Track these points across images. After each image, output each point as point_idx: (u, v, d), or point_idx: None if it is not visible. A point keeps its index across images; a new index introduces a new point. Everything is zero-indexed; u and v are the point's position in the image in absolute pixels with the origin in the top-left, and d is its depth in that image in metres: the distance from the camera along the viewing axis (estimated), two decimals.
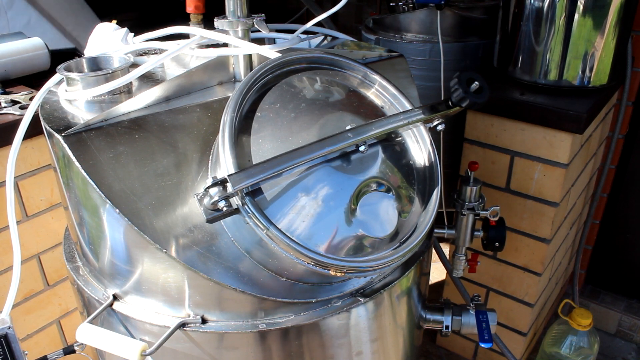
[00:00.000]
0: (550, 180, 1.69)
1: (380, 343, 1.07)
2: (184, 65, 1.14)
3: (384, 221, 0.91)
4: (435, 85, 2.13)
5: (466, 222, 1.37)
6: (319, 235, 0.85)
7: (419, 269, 1.10)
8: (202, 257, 0.86)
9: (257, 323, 0.92)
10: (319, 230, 0.85)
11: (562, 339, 1.99)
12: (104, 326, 0.99)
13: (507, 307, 2.00)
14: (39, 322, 1.64)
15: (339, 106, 0.95)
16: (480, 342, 1.23)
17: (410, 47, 2.18)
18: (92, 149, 0.85)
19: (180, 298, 0.91)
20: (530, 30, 1.63)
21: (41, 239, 1.57)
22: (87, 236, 0.98)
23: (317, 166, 0.86)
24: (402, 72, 1.22)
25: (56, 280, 1.65)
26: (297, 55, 0.95)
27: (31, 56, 1.66)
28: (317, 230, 0.84)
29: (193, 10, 1.18)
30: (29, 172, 1.48)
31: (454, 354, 2.26)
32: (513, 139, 1.71)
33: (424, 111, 0.93)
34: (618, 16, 1.56)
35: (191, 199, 0.88)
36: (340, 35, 1.35)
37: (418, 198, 0.96)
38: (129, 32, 1.18)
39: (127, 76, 0.98)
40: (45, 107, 0.98)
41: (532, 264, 1.86)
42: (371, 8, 3.52)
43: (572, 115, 1.56)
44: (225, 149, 0.81)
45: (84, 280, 1.04)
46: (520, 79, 1.71)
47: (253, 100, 0.91)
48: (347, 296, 0.96)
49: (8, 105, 1.44)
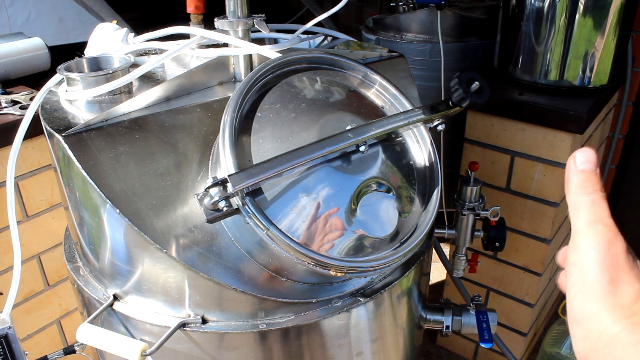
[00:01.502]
0: (550, 180, 1.69)
1: (381, 343, 1.07)
2: (184, 65, 1.14)
3: (384, 221, 0.91)
4: (436, 86, 2.13)
5: (466, 222, 1.37)
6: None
7: (419, 269, 1.10)
8: (202, 257, 0.86)
9: (258, 323, 0.92)
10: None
11: (562, 339, 1.99)
12: (104, 326, 0.99)
13: (507, 307, 2.00)
14: (39, 322, 1.65)
15: (339, 106, 0.95)
16: (481, 342, 1.23)
17: (411, 47, 2.18)
18: (93, 149, 0.85)
19: (180, 298, 0.91)
20: (530, 31, 1.63)
21: (41, 239, 1.57)
22: (88, 236, 0.98)
23: (317, 166, 0.86)
24: (403, 72, 1.22)
25: (56, 281, 1.65)
26: (297, 56, 0.95)
27: (31, 56, 1.66)
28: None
29: (193, 10, 1.18)
30: (29, 172, 1.48)
31: (454, 354, 2.26)
32: (513, 139, 1.71)
33: (424, 111, 0.93)
34: (618, 16, 1.56)
35: (191, 199, 0.88)
36: (340, 36, 1.35)
37: (418, 198, 0.96)
38: (129, 32, 1.18)
39: (127, 76, 0.98)
40: (45, 107, 0.98)
41: (532, 264, 1.86)
42: (371, 8, 3.52)
43: (573, 115, 1.57)
44: (225, 149, 0.81)
45: (84, 280, 1.04)
46: (520, 79, 1.71)
47: (253, 101, 0.91)
48: (348, 296, 0.96)
49: (8, 106, 1.44)
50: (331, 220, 0.86)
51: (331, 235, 0.85)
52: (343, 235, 0.86)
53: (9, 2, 2.56)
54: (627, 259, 0.46)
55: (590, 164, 0.51)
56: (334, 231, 0.86)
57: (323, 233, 0.85)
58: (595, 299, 0.45)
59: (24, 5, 2.61)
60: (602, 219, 0.48)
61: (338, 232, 0.86)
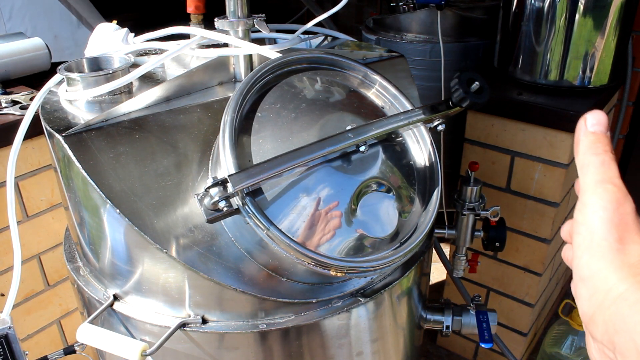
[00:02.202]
0: (550, 180, 1.69)
1: (381, 343, 1.07)
2: (184, 65, 1.14)
3: (385, 221, 0.91)
4: (436, 86, 2.13)
5: (466, 223, 1.37)
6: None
7: (420, 269, 1.10)
8: (202, 257, 0.86)
9: (258, 323, 0.92)
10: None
11: (562, 339, 1.99)
12: (105, 326, 0.99)
13: (507, 307, 2.00)
14: (39, 322, 1.65)
15: (339, 106, 0.95)
16: (481, 343, 1.23)
17: (411, 47, 2.18)
18: (93, 149, 0.85)
19: (180, 298, 0.91)
20: (530, 31, 1.63)
21: (42, 239, 1.57)
22: (88, 236, 0.98)
23: (317, 166, 0.86)
24: (403, 72, 1.22)
25: (57, 281, 1.65)
26: (297, 56, 0.95)
27: (31, 56, 1.66)
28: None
29: (193, 10, 1.18)
30: (29, 172, 1.48)
31: (455, 354, 2.26)
32: (513, 139, 1.71)
33: (425, 111, 0.93)
34: (618, 16, 1.56)
35: (191, 199, 0.88)
36: (340, 36, 1.35)
37: (418, 198, 0.96)
38: (129, 33, 1.18)
39: (127, 76, 0.98)
40: (45, 107, 0.98)
41: (532, 264, 1.86)
42: (371, 8, 3.52)
43: (573, 115, 1.57)
44: (225, 149, 0.81)
45: (84, 280, 1.04)
46: (520, 79, 1.71)
47: (253, 101, 0.91)
48: (348, 296, 0.96)
49: (8, 106, 1.44)
50: (331, 220, 0.86)
51: (331, 235, 0.85)
52: (343, 235, 0.86)
53: (7, 17, 2.61)
54: (636, 219, 0.45)
55: (601, 126, 0.49)
56: (334, 231, 0.86)
57: (323, 233, 0.85)
58: (602, 257, 0.44)
59: (21, 21, 2.68)
60: (611, 179, 0.47)
61: (338, 232, 0.86)
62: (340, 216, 0.86)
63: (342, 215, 0.86)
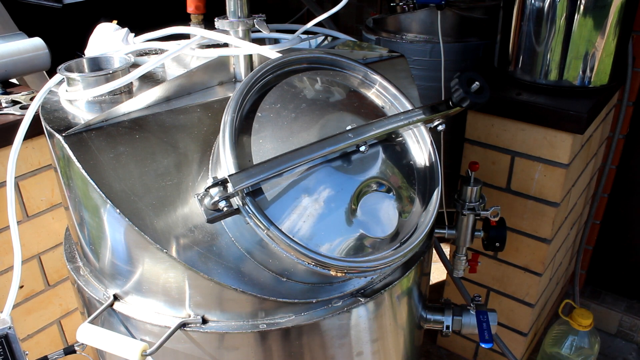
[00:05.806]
0: (550, 180, 1.69)
1: (381, 343, 1.07)
2: (184, 65, 1.14)
3: (385, 221, 0.91)
4: (436, 86, 2.13)
5: (467, 223, 1.37)
6: (320, 235, 0.85)
7: (420, 269, 1.10)
8: (202, 257, 0.86)
9: (258, 323, 0.92)
10: (319, 230, 0.85)
11: (562, 339, 1.99)
12: (105, 326, 0.99)
13: (507, 307, 2.00)
14: (39, 322, 1.64)
15: (339, 106, 0.95)
16: (481, 343, 1.23)
17: (411, 47, 2.18)
18: (93, 149, 0.85)
19: (180, 298, 0.91)
20: (530, 31, 1.63)
21: (42, 239, 1.57)
22: (88, 236, 0.98)
23: (317, 166, 0.86)
24: (403, 72, 1.22)
25: (57, 281, 1.65)
26: (297, 56, 0.95)
27: (31, 56, 1.65)
28: (318, 230, 0.84)
29: (194, 10, 1.18)
30: (29, 172, 1.48)
31: (455, 354, 2.26)
32: (513, 139, 1.71)
33: (425, 111, 0.93)
34: (618, 16, 1.56)
35: (192, 199, 0.88)
36: (340, 36, 1.35)
37: (418, 198, 0.96)
38: (129, 32, 1.18)
39: (127, 76, 0.98)
40: (45, 107, 0.98)
41: (532, 264, 1.86)
42: (372, 8, 3.52)
43: (573, 115, 1.56)
44: (225, 149, 0.81)
45: (84, 280, 1.04)
46: (520, 79, 1.71)
47: (254, 101, 0.91)
48: (348, 296, 0.96)
49: (9, 106, 1.44)
50: (331, 220, 0.86)
51: (331, 235, 0.85)
52: (343, 235, 0.86)
53: None
54: None
55: None
56: (334, 231, 0.86)
57: (323, 233, 0.85)
58: None
59: None
60: None
61: (338, 232, 0.86)
62: (341, 216, 0.86)
63: (342, 215, 0.86)
